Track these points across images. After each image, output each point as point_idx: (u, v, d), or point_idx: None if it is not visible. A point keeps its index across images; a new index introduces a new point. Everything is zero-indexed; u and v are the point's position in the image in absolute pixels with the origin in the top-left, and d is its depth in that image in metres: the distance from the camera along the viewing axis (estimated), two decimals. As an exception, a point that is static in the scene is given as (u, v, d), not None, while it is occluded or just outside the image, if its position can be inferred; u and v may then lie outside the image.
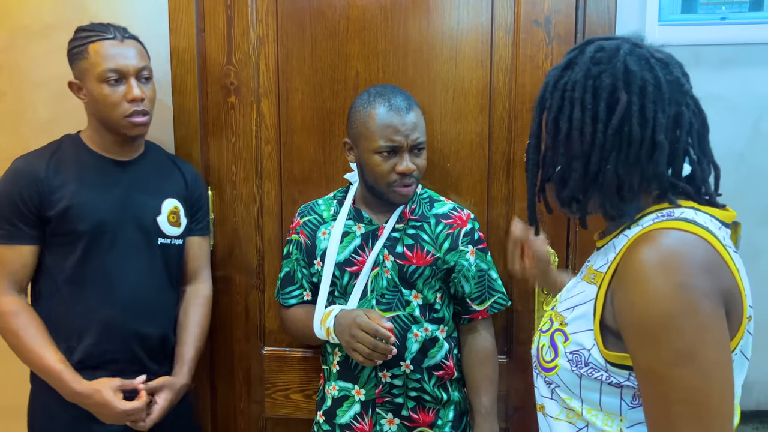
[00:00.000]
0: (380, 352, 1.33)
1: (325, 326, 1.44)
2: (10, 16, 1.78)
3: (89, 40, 1.43)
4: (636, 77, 0.87)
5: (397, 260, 1.47)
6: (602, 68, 0.89)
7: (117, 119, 1.44)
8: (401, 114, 1.39)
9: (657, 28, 1.57)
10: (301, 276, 1.57)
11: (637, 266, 0.82)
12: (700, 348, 0.77)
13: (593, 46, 0.93)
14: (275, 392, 1.81)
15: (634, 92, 0.87)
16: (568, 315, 0.96)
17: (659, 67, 0.90)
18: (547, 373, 0.97)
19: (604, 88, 0.88)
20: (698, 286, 0.78)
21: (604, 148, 0.88)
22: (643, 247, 0.82)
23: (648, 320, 0.79)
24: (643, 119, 0.86)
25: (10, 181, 1.44)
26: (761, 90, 1.58)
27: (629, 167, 0.88)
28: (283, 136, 1.73)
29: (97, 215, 1.45)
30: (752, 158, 1.59)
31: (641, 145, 0.87)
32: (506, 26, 1.62)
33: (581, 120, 0.89)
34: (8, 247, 1.44)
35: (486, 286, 1.53)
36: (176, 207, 1.57)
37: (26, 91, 1.80)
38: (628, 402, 0.88)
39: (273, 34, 1.70)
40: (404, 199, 1.45)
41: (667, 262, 0.80)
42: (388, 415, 1.48)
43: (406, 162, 1.39)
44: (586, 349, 0.90)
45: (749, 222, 1.61)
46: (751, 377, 1.64)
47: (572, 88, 0.90)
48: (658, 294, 0.79)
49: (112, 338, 1.47)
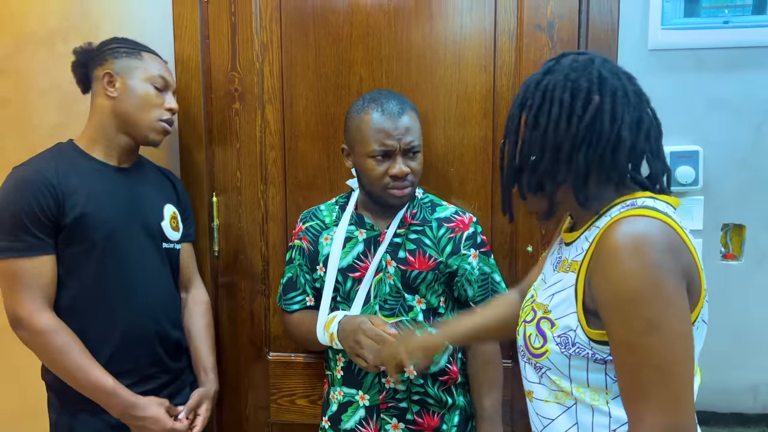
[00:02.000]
0: None
1: (328, 332, 1.44)
2: (15, 23, 1.79)
3: (142, 48, 1.52)
4: (608, 83, 1.00)
5: (400, 265, 1.48)
6: (579, 74, 1.01)
7: (151, 121, 1.49)
8: (393, 118, 1.40)
9: (660, 31, 1.58)
10: (304, 281, 1.58)
11: (611, 250, 0.93)
12: (665, 319, 0.89)
13: (569, 58, 1.05)
14: (281, 398, 1.81)
15: (606, 94, 0.99)
16: (549, 303, 1.06)
17: (626, 78, 1.03)
18: (537, 359, 1.06)
19: (581, 89, 0.99)
20: (664, 265, 0.89)
21: (576, 139, 0.99)
22: (614, 233, 0.93)
23: (621, 295, 0.90)
24: (612, 118, 0.98)
25: (21, 190, 1.37)
26: (764, 93, 1.57)
27: (597, 158, 0.99)
28: (287, 141, 1.73)
29: (110, 223, 1.44)
30: (755, 162, 1.59)
31: (608, 139, 0.98)
32: (509, 31, 1.63)
33: (558, 115, 1.00)
34: (33, 260, 1.37)
35: (489, 290, 1.53)
36: (175, 212, 1.60)
37: (32, 97, 1.81)
38: (612, 376, 0.98)
39: (277, 40, 1.70)
40: (400, 201, 1.45)
41: (637, 244, 0.90)
42: (393, 420, 1.48)
43: (399, 165, 1.41)
44: (572, 329, 0.99)
45: (754, 226, 1.61)
46: (756, 380, 1.65)
47: (552, 88, 1.02)
48: (629, 272, 0.89)
49: (135, 342, 1.47)
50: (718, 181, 1.60)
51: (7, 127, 1.83)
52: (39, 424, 1.68)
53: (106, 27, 1.75)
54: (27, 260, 1.37)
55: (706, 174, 1.59)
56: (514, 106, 1.08)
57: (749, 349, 1.63)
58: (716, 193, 1.61)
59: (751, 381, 1.65)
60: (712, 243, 1.62)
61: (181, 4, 1.71)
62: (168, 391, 1.53)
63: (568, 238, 1.11)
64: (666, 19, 1.58)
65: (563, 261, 1.09)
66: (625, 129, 0.98)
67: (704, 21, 1.57)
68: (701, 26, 1.57)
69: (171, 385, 1.55)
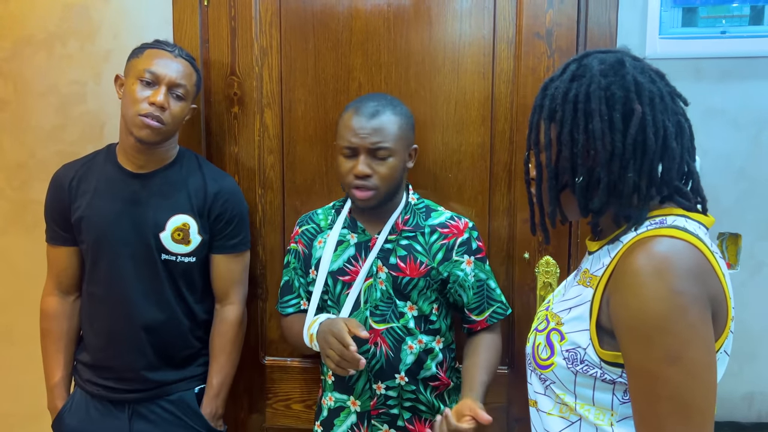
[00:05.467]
0: (348, 361, 1.30)
1: (309, 333, 1.44)
2: (15, 26, 1.80)
3: (150, 46, 1.51)
4: (645, 89, 0.92)
5: (391, 272, 1.47)
6: (610, 80, 0.93)
7: (132, 116, 1.45)
8: (364, 118, 1.42)
9: (658, 41, 1.58)
10: (299, 285, 1.58)
11: (632, 271, 0.87)
12: (688, 348, 0.82)
13: (595, 59, 0.96)
14: (276, 402, 1.81)
15: (646, 103, 0.91)
16: (564, 315, 1.00)
17: (659, 79, 0.96)
18: (543, 370, 1.01)
19: (618, 99, 0.92)
20: (689, 290, 0.83)
21: (623, 157, 0.91)
22: (637, 254, 0.87)
23: (641, 321, 0.84)
24: (656, 128, 0.91)
25: (50, 187, 1.58)
26: (761, 103, 1.58)
27: (645, 174, 0.92)
28: (285, 146, 1.74)
29: (99, 227, 1.50)
30: (753, 171, 1.60)
31: (655, 152, 0.91)
32: (508, 39, 1.64)
33: (601, 130, 0.92)
34: (52, 248, 1.59)
35: (485, 296, 1.53)
36: (185, 224, 1.52)
37: (31, 99, 1.81)
38: (620, 398, 0.93)
39: (276, 45, 1.71)
40: (363, 204, 1.45)
41: (661, 267, 0.85)
42: (384, 427, 1.48)
43: (359, 164, 1.41)
44: (582, 348, 0.94)
45: (750, 235, 1.61)
46: (751, 389, 1.65)
47: (585, 99, 0.93)
48: (651, 297, 0.83)
49: (113, 345, 1.54)
50: (714, 190, 1.60)
51: (5, 128, 1.84)
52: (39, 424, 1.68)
53: (105, 31, 1.76)
54: (51, 247, 1.60)
55: (703, 183, 1.58)
56: (538, 114, 1.00)
57: (744, 358, 1.63)
58: (713, 202, 1.59)
59: (746, 390, 1.66)
60: (708, 252, 1.62)
61: (182, 8, 1.71)
62: (141, 399, 1.55)
63: (591, 247, 1.05)
64: (664, 28, 1.59)
65: (583, 272, 1.03)
66: (671, 138, 0.92)
67: (702, 31, 1.58)
68: (699, 36, 1.58)
69: (143, 392, 1.54)
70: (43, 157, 1.82)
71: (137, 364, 1.53)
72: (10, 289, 1.89)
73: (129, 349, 1.52)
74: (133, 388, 1.54)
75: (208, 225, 1.56)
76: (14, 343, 1.89)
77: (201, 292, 1.60)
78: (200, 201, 1.55)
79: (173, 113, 1.47)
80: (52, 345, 1.59)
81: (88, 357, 1.57)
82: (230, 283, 1.61)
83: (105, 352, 1.54)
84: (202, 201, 1.55)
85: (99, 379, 1.55)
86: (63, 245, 1.57)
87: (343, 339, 1.30)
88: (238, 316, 1.62)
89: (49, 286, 1.61)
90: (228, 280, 1.60)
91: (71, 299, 1.61)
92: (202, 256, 1.57)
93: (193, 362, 1.60)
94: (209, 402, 1.58)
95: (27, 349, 1.78)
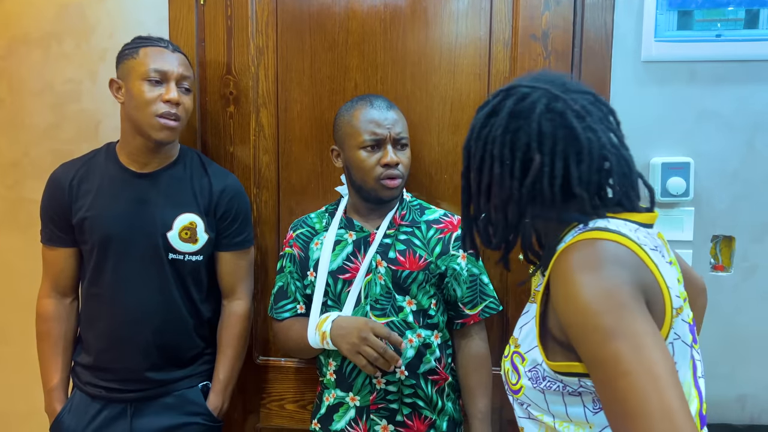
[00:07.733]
0: (387, 359, 1.36)
1: (320, 331, 1.44)
2: (10, 24, 1.79)
3: (143, 45, 1.48)
4: (547, 138, 0.94)
5: (391, 266, 1.48)
6: (520, 123, 0.96)
7: (148, 118, 1.44)
8: (382, 110, 1.46)
9: (653, 44, 1.59)
10: (295, 289, 1.57)
11: (561, 274, 0.90)
12: (622, 322, 0.82)
13: (515, 96, 0.98)
14: (270, 402, 1.81)
15: (546, 153, 0.94)
16: (519, 335, 1.03)
17: (576, 120, 0.94)
18: (516, 395, 1.02)
19: (519, 147, 0.95)
20: (613, 275, 0.85)
21: (520, 203, 0.96)
22: (564, 258, 0.90)
23: (576, 314, 0.85)
24: (552, 179, 0.94)
25: (47, 187, 1.55)
26: (756, 107, 1.59)
27: (544, 219, 0.97)
28: (281, 146, 1.74)
29: (105, 228, 1.49)
30: (746, 175, 1.60)
31: (552, 199, 0.95)
32: (504, 40, 1.64)
33: (500, 175, 0.97)
34: (49, 250, 1.57)
35: (478, 291, 1.54)
36: (192, 223, 1.52)
37: (26, 97, 1.81)
38: (591, 408, 0.93)
39: (273, 45, 1.71)
40: (391, 195, 1.47)
41: (582, 262, 0.87)
42: (382, 422, 1.48)
43: (390, 153, 1.44)
44: (539, 363, 0.95)
45: (744, 238, 1.62)
46: (743, 391, 1.66)
47: (492, 141, 0.98)
48: (579, 290, 0.85)
49: (115, 347, 1.51)
50: (708, 193, 1.61)
51: (0, 127, 1.83)
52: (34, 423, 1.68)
53: (101, 30, 1.76)
54: (48, 249, 1.57)
55: (697, 185, 1.60)
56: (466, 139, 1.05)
57: (737, 360, 1.64)
58: (707, 204, 1.62)
59: (739, 392, 1.66)
60: (701, 254, 1.63)
61: (178, 7, 1.71)
62: (143, 398, 1.53)
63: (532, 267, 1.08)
64: (659, 31, 1.59)
65: (532, 290, 1.07)
66: (574, 182, 0.94)
67: (697, 34, 1.59)
68: (694, 39, 1.59)
69: (145, 391, 1.53)
70: (38, 155, 1.82)
71: (141, 365, 1.51)
72: (4, 288, 1.89)
73: (133, 350, 1.51)
74: (135, 388, 1.52)
75: (214, 223, 1.56)
76: (8, 342, 1.89)
77: (207, 291, 1.61)
78: (206, 199, 1.55)
79: (185, 107, 1.49)
80: (50, 348, 1.57)
81: (88, 359, 1.55)
82: (237, 279, 1.63)
83: (108, 353, 1.52)
84: (207, 199, 1.55)
85: (100, 380, 1.53)
86: (61, 246, 1.55)
87: (389, 337, 1.37)
88: (246, 310, 1.64)
89: (46, 288, 1.59)
90: (235, 276, 1.62)
91: (68, 301, 1.59)
92: (208, 255, 1.57)
93: (196, 361, 1.60)
94: (216, 396, 1.58)
95: (21, 348, 1.78)
